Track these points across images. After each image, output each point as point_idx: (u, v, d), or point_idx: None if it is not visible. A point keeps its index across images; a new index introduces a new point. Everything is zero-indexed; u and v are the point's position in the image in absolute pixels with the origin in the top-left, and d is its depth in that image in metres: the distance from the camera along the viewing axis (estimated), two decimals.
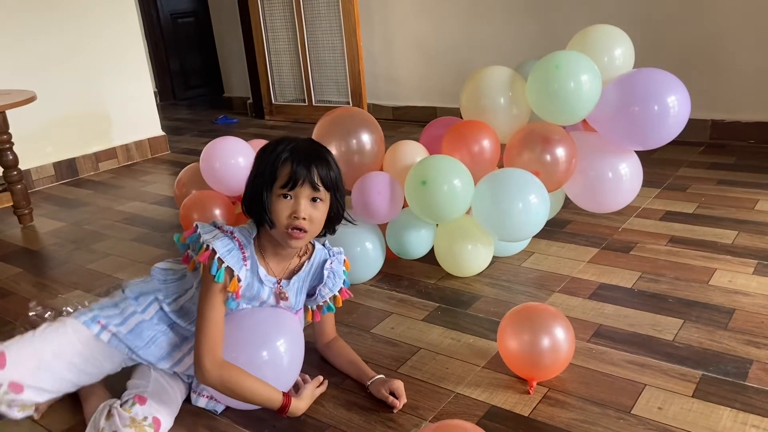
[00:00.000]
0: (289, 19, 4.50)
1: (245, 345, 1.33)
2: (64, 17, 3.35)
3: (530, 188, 1.79)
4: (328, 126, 2.04)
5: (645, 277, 1.89)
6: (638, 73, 1.90)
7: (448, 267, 1.98)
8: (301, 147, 1.30)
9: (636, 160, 2.01)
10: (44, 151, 3.36)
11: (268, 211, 1.28)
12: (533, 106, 1.97)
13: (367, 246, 1.94)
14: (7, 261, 2.41)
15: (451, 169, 1.83)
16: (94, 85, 3.54)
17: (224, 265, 1.27)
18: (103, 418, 1.32)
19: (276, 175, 1.27)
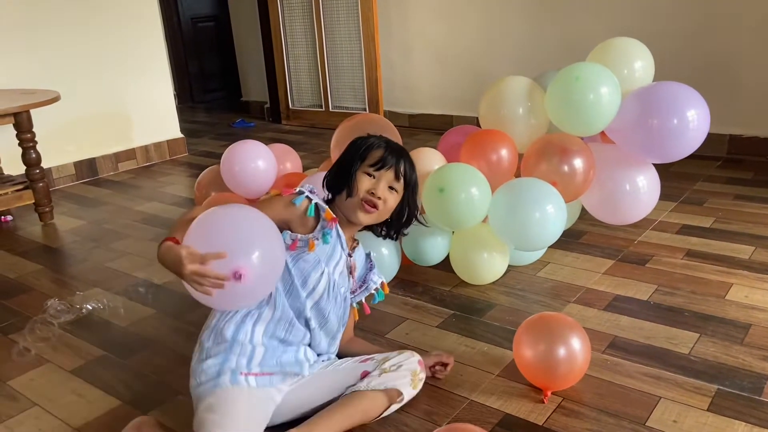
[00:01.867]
0: (308, 24, 4.54)
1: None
2: (89, 20, 3.41)
3: (548, 198, 1.79)
4: (347, 131, 2.06)
5: (661, 290, 1.89)
6: (658, 86, 1.91)
7: (463, 274, 1.99)
8: (394, 143, 1.48)
9: (654, 173, 2.01)
10: (65, 150, 3.41)
11: (352, 180, 1.39)
12: (552, 116, 1.98)
13: (383, 251, 1.95)
14: (27, 257, 2.45)
15: (468, 177, 1.84)
16: (116, 86, 3.59)
17: (313, 202, 1.39)
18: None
19: (368, 155, 1.42)
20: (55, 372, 1.65)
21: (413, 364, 1.42)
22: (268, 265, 1.22)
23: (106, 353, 1.73)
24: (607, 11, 3.46)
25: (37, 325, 1.88)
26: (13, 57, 3.13)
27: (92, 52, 3.44)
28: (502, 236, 1.87)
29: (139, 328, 1.86)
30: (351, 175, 1.40)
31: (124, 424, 1.32)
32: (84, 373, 1.64)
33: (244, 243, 1.19)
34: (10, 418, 1.48)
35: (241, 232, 1.21)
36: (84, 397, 1.54)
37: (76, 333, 1.84)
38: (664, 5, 3.28)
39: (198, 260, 1.13)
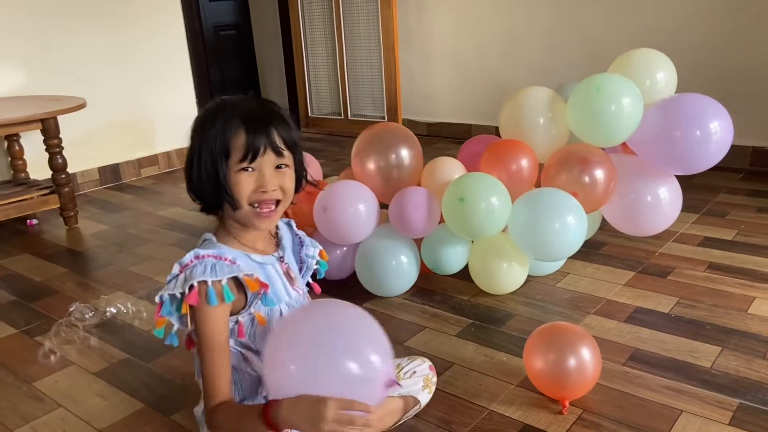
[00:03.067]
0: (329, 33, 4.58)
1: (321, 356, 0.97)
2: (115, 28, 3.48)
3: (568, 208, 1.79)
4: (368, 141, 2.08)
5: (682, 303, 1.88)
6: (681, 97, 1.90)
7: (482, 284, 1.99)
8: (250, 108, 1.10)
9: (676, 185, 2.00)
10: (90, 156, 3.46)
11: (229, 192, 1.08)
12: (573, 127, 1.98)
13: (402, 259, 1.96)
14: (52, 261, 2.49)
15: (488, 186, 1.84)
16: (140, 93, 3.65)
17: (222, 282, 1.07)
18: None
19: (229, 147, 1.07)
20: (79, 374, 1.68)
21: (425, 370, 1.42)
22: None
23: (129, 356, 1.76)
24: (628, 23, 3.45)
25: (62, 327, 1.91)
26: (41, 65, 3.20)
27: (117, 60, 3.51)
28: (522, 246, 1.87)
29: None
30: (221, 184, 1.08)
31: (146, 427, 1.33)
32: (108, 375, 1.67)
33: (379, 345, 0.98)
34: (36, 418, 1.51)
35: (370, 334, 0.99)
36: (108, 400, 1.56)
37: (99, 336, 1.87)
38: (687, 17, 3.26)
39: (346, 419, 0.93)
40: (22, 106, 2.74)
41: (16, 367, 1.73)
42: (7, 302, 2.14)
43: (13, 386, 1.64)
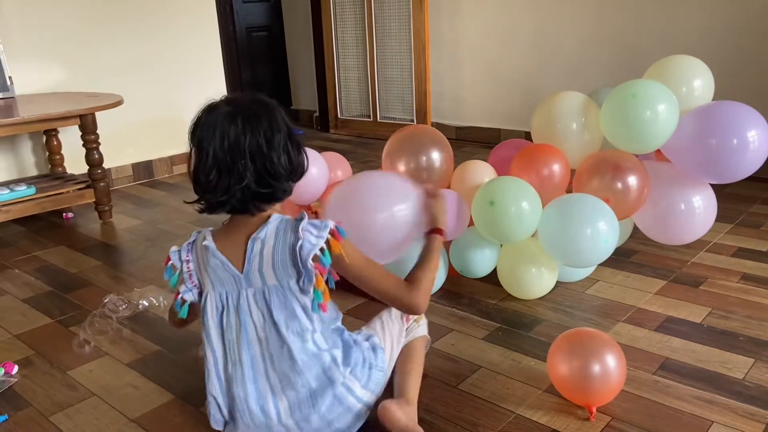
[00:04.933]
0: (360, 36, 4.61)
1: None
2: (151, 28, 3.54)
3: (600, 215, 1.78)
4: (399, 142, 2.09)
5: (715, 314, 1.85)
6: (717, 105, 1.88)
7: (510, 288, 1.99)
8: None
9: (710, 193, 1.97)
10: (125, 152, 3.54)
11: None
12: (607, 133, 1.97)
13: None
14: (87, 253, 2.55)
15: (519, 190, 1.84)
16: (174, 92, 3.71)
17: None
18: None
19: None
20: (112, 364, 1.72)
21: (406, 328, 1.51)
22: None
23: (161, 348, 1.79)
24: (662, 28, 3.41)
25: (96, 318, 1.95)
26: (80, 63, 3.28)
27: (153, 60, 3.58)
28: (552, 252, 1.86)
29: (192, 326, 1.90)
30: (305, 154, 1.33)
31: (177, 418, 1.36)
32: (140, 366, 1.70)
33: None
34: (70, 406, 1.55)
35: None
36: (139, 390, 1.60)
37: (132, 328, 1.91)
38: (722, 23, 3.21)
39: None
40: (61, 102, 2.81)
41: (52, 356, 1.77)
42: (43, 293, 2.20)
43: (48, 374, 1.69)
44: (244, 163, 1.18)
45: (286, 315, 1.23)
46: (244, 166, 1.18)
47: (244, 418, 1.26)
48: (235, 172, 1.18)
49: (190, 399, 1.54)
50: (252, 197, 1.21)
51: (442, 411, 1.45)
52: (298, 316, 1.23)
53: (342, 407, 1.28)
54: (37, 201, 2.72)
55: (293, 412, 1.25)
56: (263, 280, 1.23)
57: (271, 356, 1.24)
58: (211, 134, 1.19)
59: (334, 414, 1.27)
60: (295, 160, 1.25)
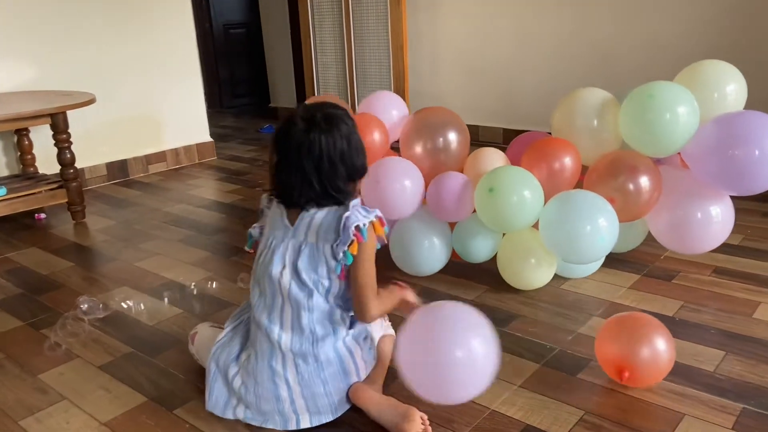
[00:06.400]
0: (338, 33, 4.59)
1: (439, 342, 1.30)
2: (125, 25, 3.49)
3: (600, 213, 1.76)
4: (416, 124, 2.15)
5: (687, 307, 1.87)
6: (740, 114, 1.80)
7: (509, 278, 1.99)
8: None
9: (728, 203, 1.90)
10: (98, 151, 3.49)
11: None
12: (625, 134, 1.92)
13: (434, 241, 2.04)
14: (59, 255, 2.51)
15: (520, 179, 1.83)
16: (149, 90, 3.66)
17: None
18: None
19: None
20: (84, 367, 1.70)
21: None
22: None
23: (133, 350, 1.77)
24: (639, 27, 3.44)
25: (69, 321, 1.92)
26: (51, 60, 3.22)
27: (127, 56, 3.53)
28: (549, 245, 1.85)
29: (165, 327, 1.89)
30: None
31: (149, 421, 1.34)
32: (112, 369, 1.68)
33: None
34: (40, 410, 1.52)
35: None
36: (111, 393, 1.57)
37: (104, 330, 1.89)
38: (697, 21, 3.25)
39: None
40: (31, 101, 2.77)
41: (22, 359, 1.74)
42: (14, 295, 2.16)
43: (18, 378, 1.66)
44: (310, 173, 1.35)
45: (309, 267, 1.38)
46: (310, 176, 1.35)
47: (260, 344, 1.41)
48: (305, 181, 1.36)
49: (163, 401, 1.52)
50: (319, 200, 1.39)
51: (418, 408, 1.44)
52: (320, 271, 1.38)
53: (339, 366, 1.40)
54: (8, 202, 2.67)
55: (293, 344, 1.38)
56: (305, 237, 1.39)
57: (290, 292, 1.38)
58: (288, 143, 1.37)
59: (330, 371, 1.39)
60: (349, 168, 1.38)
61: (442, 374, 1.27)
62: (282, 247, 1.41)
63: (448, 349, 1.27)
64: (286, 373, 1.39)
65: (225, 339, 1.49)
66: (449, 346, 1.27)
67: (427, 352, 1.28)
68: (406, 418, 1.34)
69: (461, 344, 1.27)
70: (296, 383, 1.38)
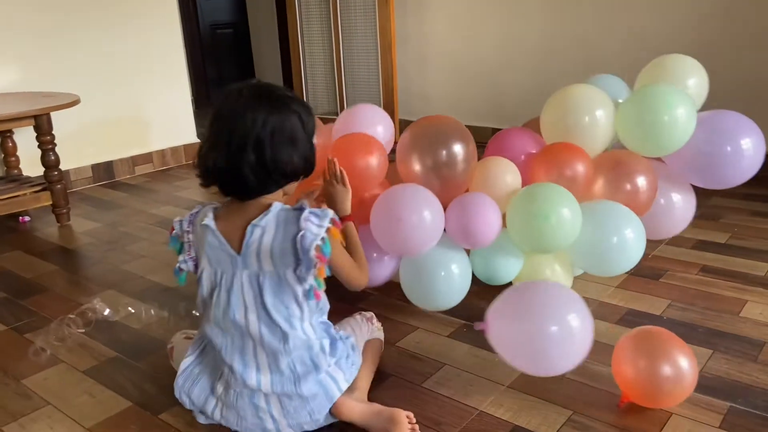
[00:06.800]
0: (326, 33, 4.57)
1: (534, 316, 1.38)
2: (110, 24, 3.46)
3: (626, 223, 1.72)
4: (414, 137, 1.84)
5: (674, 306, 1.88)
6: (715, 114, 1.85)
7: None
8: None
9: (690, 192, 1.94)
10: (84, 153, 3.45)
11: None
12: (622, 134, 1.88)
13: (453, 270, 1.77)
14: (43, 258, 2.48)
15: (563, 199, 1.69)
16: (135, 90, 3.63)
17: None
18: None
19: (313, 129, 1.32)
20: (68, 372, 1.67)
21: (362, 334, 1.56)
22: None
23: (118, 355, 1.75)
24: (624, 24, 3.46)
25: (64, 325, 1.88)
26: (34, 60, 3.19)
27: (112, 57, 3.49)
28: (577, 259, 1.81)
29: (151, 330, 1.87)
30: (314, 155, 1.32)
31: (134, 426, 1.33)
32: (96, 373, 1.66)
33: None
34: (23, 416, 1.50)
35: None
36: (96, 398, 1.55)
37: (89, 334, 1.86)
38: (682, 20, 3.26)
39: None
40: (15, 103, 2.73)
41: (5, 365, 1.72)
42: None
43: (1, 383, 1.63)
44: (247, 151, 1.21)
45: (276, 300, 1.27)
46: (245, 154, 1.21)
47: (236, 386, 1.33)
48: (236, 157, 1.22)
49: (148, 406, 1.51)
50: (244, 183, 1.25)
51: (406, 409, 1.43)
52: (289, 304, 1.28)
53: (325, 396, 1.34)
54: None
55: (274, 386, 1.31)
56: (260, 265, 1.26)
57: (261, 338, 1.29)
58: (227, 115, 1.23)
59: (315, 402, 1.34)
60: (296, 159, 1.27)
61: (542, 347, 1.35)
62: (236, 283, 1.27)
63: (546, 323, 1.35)
64: (270, 409, 1.33)
65: (190, 368, 1.40)
66: (547, 320, 1.35)
67: (527, 325, 1.37)
68: (392, 422, 1.32)
69: (559, 318, 1.35)
70: (282, 416, 1.33)
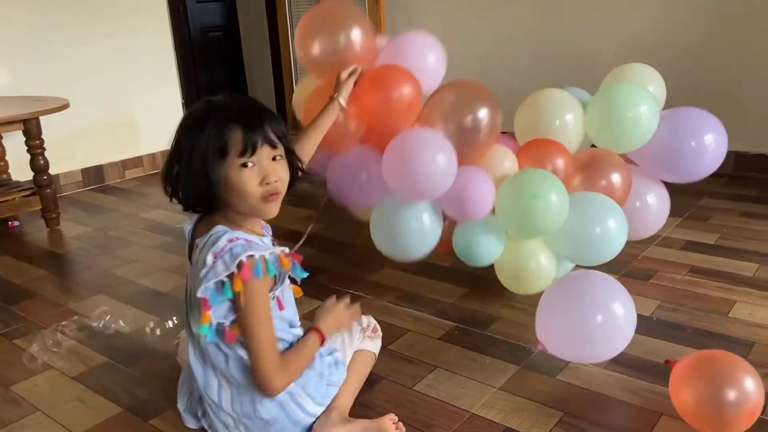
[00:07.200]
0: None
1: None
2: (100, 28, 3.45)
3: (609, 214, 1.75)
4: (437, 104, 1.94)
5: (664, 306, 1.89)
6: (679, 111, 1.95)
7: (509, 283, 1.89)
8: (240, 105, 1.18)
9: (664, 192, 2.02)
10: (73, 157, 3.43)
11: (233, 188, 1.14)
12: (591, 132, 1.97)
13: (424, 220, 1.84)
14: (33, 263, 2.46)
15: (551, 184, 1.73)
16: (125, 94, 3.62)
17: (258, 256, 1.14)
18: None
19: (226, 145, 1.12)
20: (58, 378, 1.66)
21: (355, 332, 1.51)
22: None
23: (108, 360, 1.74)
24: (611, 29, 3.48)
25: (58, 332, 1.86)
26: (24, 64, 3.17)
27: (102, 60, 3.48)
28: (559, 249, 1.82)
29: (141, 335, 1.86)
30: (214, 183, 1.14)
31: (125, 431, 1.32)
32: (87, 379, 1.65)
33: None
34: (13, 423, 1.48)
35: None
36: (86, 404, 1.54)
37: (79, 339, 1.85)
38: (668, 22, 3.29)
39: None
40: (3, 107, 2.71)
41: None
42: None
43: None
44: (170, 171, 1.18)
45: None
46: (170, 174, 1.19)
47: (206, 401, 1.30)
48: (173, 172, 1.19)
49: (139, 411, 1.50)
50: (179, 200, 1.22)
51: (397, 413, 1.43)
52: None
53: (288, 419, 1.28)
54: None
55: (234, 405, 1.25)
56: (192, 284, 1.21)
57: (209, 353, 1.24)
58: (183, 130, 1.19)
59: (278, 425, 1.28)
60: (191, 182, 1.16)
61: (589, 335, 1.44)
62: (192, 295, 1.20)
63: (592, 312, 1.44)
64: (239, 427, 1.29)
65: (184, 373, 1.43)
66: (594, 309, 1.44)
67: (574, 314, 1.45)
68: None
69: (603, 307, 1.44)
70: None
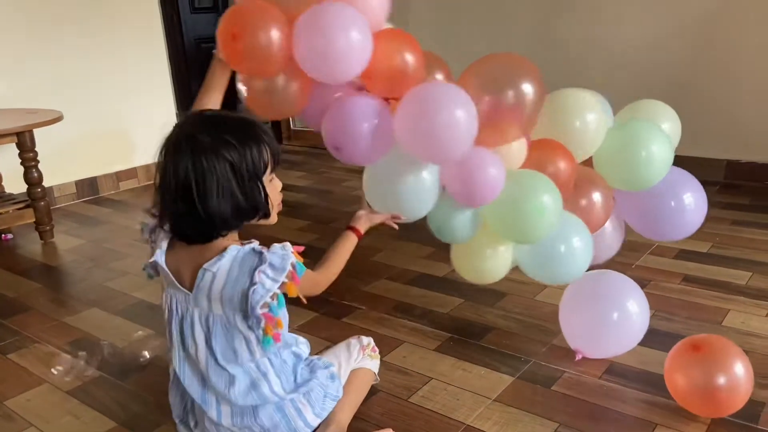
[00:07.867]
0: None
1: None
2: (93, 39, 3.45)
3: (576, 232, 1.64)
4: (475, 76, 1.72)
5: (658, 316, 1.90)
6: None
7: (464, 271, 1.80)
8: (250, 122, 1.20)
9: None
10: (67, 169, 3.42)
11: (269, 202, 1.19)
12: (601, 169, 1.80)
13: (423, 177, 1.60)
14: (26, 276, 2.45)
15: (546, 188, 1.59)
16: (119, 105, 3.62)
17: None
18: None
19: (267, 162, 1.17)
20: (51, 392, 1.65)
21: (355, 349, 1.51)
22: None
23: (102, 374, 1.73)
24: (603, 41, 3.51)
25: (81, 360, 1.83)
26: (17, 76, 3.17)
27: (96, 72, 3.48)
28: (525, 266, 1.72)
29: (135, 349, 1.86)
30: (262, 199, 1.16)
31: None
32: (80, 393, 1.64)
33: None
34: None
35: None
36: (80, 419, 1.54)
37: (72, 353, 1.84)
38: (663, 30, 3.32)
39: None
40: None
41: None
42: None
43: None
44: (177, 203, 1.13)
45: (226, 346, 1.21)
46: (176, 205, 1.13)
47: (201, 418, 1.29)
48: (170, 208, 1.15)
49: (133, 426, 1.49)
50: (190, 230, 1.16)
51: (392, 425, 1.43)
52: (238, 349, 1.21)
53: (287, 427, 1.27)
54: None
55: (234, 420, 1.25)
56: (210, 307, 1.19)
57: (209, 377, 1.23)
58: (170, 156, 1.17)
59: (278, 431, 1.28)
60: (242, 202, 1.14)
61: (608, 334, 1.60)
62: (188, 318, 1.21)
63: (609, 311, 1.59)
64: None
65: (173, 384, 1.36)
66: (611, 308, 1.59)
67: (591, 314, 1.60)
68: None
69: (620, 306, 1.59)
70: None
